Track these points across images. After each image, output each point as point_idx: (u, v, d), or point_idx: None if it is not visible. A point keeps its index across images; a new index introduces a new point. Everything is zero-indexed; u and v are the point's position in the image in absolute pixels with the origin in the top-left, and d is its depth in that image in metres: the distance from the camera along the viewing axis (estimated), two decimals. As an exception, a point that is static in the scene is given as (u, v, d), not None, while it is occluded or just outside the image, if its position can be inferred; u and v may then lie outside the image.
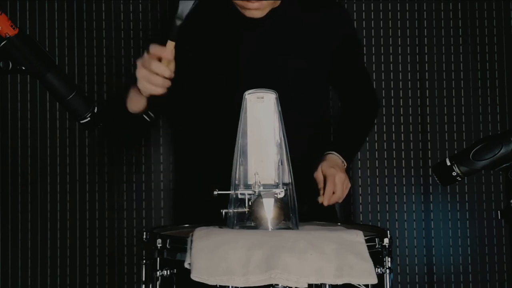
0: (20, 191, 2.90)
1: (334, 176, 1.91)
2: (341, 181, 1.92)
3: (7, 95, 2.91)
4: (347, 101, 2.21)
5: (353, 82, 2.19)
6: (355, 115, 2.17)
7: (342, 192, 1.93)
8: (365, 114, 2.20)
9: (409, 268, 2.97)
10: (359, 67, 2.23)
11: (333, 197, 1.93)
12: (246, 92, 1.68)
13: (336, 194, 1.92)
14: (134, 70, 1.76)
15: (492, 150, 1.67)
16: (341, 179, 1.92)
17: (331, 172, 1.92)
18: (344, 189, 1.94)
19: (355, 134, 2.17)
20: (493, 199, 3.00)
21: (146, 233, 1.70)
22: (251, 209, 1.65)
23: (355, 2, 3.00)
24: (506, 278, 2.98)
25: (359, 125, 2.18)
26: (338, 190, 1.92)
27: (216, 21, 2.10)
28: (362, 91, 2.20)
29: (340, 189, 1.92)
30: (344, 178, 1.93)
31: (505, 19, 3.04)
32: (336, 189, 1.91)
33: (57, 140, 2.92)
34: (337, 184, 1.91)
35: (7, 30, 1.50)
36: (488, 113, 3.02)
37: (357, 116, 2.17)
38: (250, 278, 1.45)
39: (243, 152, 1.68)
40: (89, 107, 1.60)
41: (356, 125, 2.17)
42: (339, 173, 1.92)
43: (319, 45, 2.11)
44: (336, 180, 1.91)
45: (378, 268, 1.57)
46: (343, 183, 1.93)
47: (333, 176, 1.91)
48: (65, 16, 2.93)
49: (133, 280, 2.91)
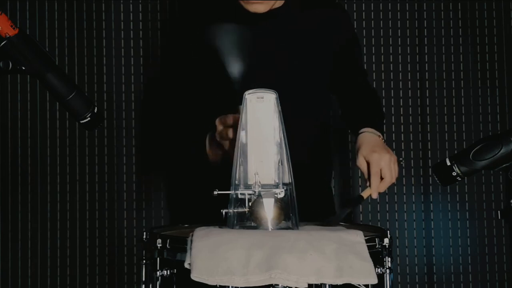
0: (20, 191, 2.90)
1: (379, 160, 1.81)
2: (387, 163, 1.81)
3: (7, 95, 2.91)
4: (347, 103, 2.19)
5: (353, 83, 2.19)
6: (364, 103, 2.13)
7: (391, 175, 1.82)
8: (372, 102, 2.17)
9: (409, 268, 2.97)
10: (359, 69, 2.23)
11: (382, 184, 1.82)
12: (246, 92, 1.68)
13: (386, 179, 1.82)
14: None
15: (492, 150, 1.67)
16: (387, 161, 1.81)
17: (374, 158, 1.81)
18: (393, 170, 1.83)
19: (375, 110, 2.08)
20: (493, 199, 2.99)
21: (146, 233, 1.71)
22: (251, 209, 1.65)
23: (355, 2, 3.00)
24: (506, 278, 2.98)
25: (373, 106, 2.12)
26: (386, 174, 1.81)
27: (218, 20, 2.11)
28: (362, 92, 2.20)
29: (388, 173, 1.81)
30: (389, 158, 1.82)
31: (505, 19, 3.04)
32: (384, 173, 1.81)
33: (57, 140, 2.92)
34: (384, 168, 1.81)
35: (7, 30, 1.50)
36: (488, 113, 3.02)
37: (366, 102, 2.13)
38: (250, 278, 1.45)
39: (243, 152, 1.68)
40: (89, 107, 1.60)
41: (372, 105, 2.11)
42: (383, 154, 1.82)
43: (319, 45, 2.11)
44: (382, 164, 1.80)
45: (378, 268, 1.57)
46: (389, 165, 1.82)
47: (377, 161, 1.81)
48: (65, 16, 2.93)
49: (133, 280, 2.91)
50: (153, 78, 2.94)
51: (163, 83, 2.90)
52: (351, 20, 2.40)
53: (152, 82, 2.94)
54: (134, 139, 2.94)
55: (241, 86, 1.78)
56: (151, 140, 2.94)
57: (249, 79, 1.99)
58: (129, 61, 2.94)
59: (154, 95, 2.93)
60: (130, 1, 2.95)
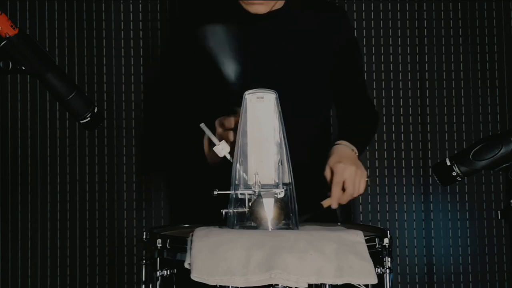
0: (20, 191, 2.90)
1: (343, 171, 1.81)
2: (351, 175, 1.81)
3: (7, 95, 2.91)
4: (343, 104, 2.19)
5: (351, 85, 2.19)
6: (355, 114, 2.16)
7: (353, 188, 1.82)
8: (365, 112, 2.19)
9: (409, 268, 2.97)
10: (357, 71, 2.23)
11: (344, 196, 1.83)
12: (246, 92, 1.68)
13: (347, 191, 1.82)
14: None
15: (492, 150, 1.66)
16: (351, 173, 1.80)
17: (339, 168, 1.81)
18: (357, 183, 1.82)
19: (360, 124, 2.08)
20: (493, 199, 2.99)
21: (146, 233, 1.70)
22: (251, 209, 1.65)
23: (355, 2, 3.00)
24: (506, 278, 2.98)
25: (362, 119, 2.13)
26: (348, 186, 1.81)
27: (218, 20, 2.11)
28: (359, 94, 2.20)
29: (351, 186, 1.81)
30: (354, 170, 1.81)
31: (505, 19, 3.04)
32: (347, 185, 1.81)
33: (57, 140, 2.92)
34: (347, 179, 1.80)
35: (7, 30, 1.50)
36: (488, 113, 3.02)
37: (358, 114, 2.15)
38: (250, 278, 1.45)
39: (243, 152, 1.68)
40: (89, 107, 1.60)
41: (360, 119, 2.12)
42: (348, 166, 1.81)
43: (319, 46, 2.11)
44: (346, 175, 1.80)
45: (378, 268, 1.57)
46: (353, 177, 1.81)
47: (341, 171, 1.81)
48: (65, 16, 2.93)
49: (133, 280, 2.91)
50: (153, 78, 2.94)
51: (163, 83, 2.90)
52: (351, 22, 2.41)
53: (152, 82, 2.94)
54: (134, 139, 2.94)
55: (241, 86, 1.77)
56: (151, 140, 2.94)
57: (249, 79, 1.98)
58: (129, 61, 2.94)
59: (155, 95, 2.93)
60: (130, 1, 2.95)
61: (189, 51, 2.13)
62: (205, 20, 2.11)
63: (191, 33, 2.12)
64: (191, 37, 2.12)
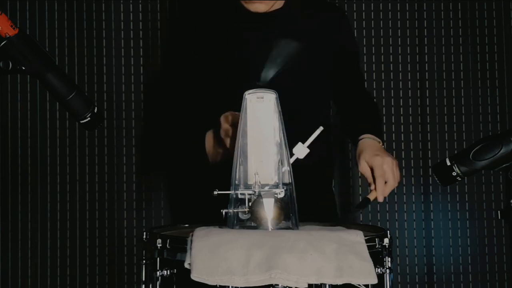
0: (20, 191, 2.90)
1: (382, 164, 1.83)
2: (390, 166, 1.83)
3: (7, 95, 2.91)
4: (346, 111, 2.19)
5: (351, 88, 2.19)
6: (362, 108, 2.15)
7: (394, 178, 1.84)
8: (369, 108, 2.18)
9: (409, 268, 2.97)
10: (357, 71, 2.23)
11: (387, 188, 1.84)
12: (246, 92, 1.68)
13: (389, 183, 1.84)
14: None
15: (492, 150, 1.67)
16: (389, 165, 1.83)
17: (378, 162, 1.83)
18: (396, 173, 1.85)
19: (372, 117, 2.09)
20: (493, 199, 2.99)
21: (146, 233, 1.70)
22: (251, 209, 1.65)
23: (355, 2, 3.01)
24: (506, 278, 2.98)
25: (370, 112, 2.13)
26: (389, 178, 1.83)
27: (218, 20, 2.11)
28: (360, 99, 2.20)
29: (391, 177, 1.83)
30: (391, 162, 1.84)
31: (505, 19, 3.04)
32: (387, 177, 1.83)
33: (57, 140, 2.92)
34: (387, 171, 1.82)
35: (7, 30, 1.50)
36: (488, 113, 3.02)
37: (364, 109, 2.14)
38: (250, 278, 1.45)
39: (243, 152, 1.68)
40: (89, 107, 1.60)
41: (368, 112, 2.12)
42: (385, 158, 1.83)
43: (319, 46, 2.11)
44: (385, 168, 1.82)
45: (378, 268, 1.57)
46: (392, 168, 1.84)
47: (380, 165, 1.83)
48: (65, 16, 2.93)
49: (133, 280, 2.91)
50: (153, 78, 2.94)
51: (164, 83, 2.90)
52: (351, 22, 2.41)
53: (152, 82, 2.94)
54: (134, 139, 2.94)
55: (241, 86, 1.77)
56: (152, 140, 2.94)
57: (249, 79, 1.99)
58: (129, 61, 2.94)
59: (155, 95, 2.93)
60: (130, 1, 2.95)
61: (190, 50, 2.13)
62: (205, 19, 2.11)
63: (191, 32, 2.13)
64: (191, 36, 2.12)
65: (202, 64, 2.11)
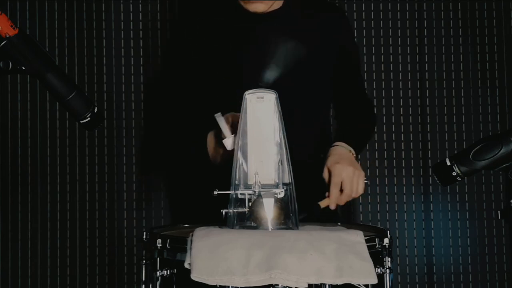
0: (20, 191, 2.90)
1: (341, 172, 1.82)
2: (349, 176, 1.82)
3: (7, 95, 2.91)
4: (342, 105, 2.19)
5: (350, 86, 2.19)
6: (353, 115, 2.16)
7: (351, 189, 1.83)
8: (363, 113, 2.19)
9: (409, 268, 2.97)
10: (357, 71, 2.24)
11: (342, 197, 1.84)
12: (246, 92, 1.69)
13: (345, 192, 1.83)
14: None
15: (492, 150, 1.67)
16: (349, 174, 1.82)
17: (337, 170, 1.83)
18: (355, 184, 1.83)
19: (358, 125, 2.09)
20: (493, 199, 2.99)
21: (146, 233, 1.71)
22: (251, 209, 1.65)
23: (355, 2, 3.00)
24: (506, 278, 2.98)
25: (360, 120, 2.14)
26: (346, 187, 1.83)
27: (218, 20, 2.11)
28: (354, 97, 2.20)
29: (348, 186, 1.83)
30: (352, 171, 1.83)
31: (505, 19, 3.04)
32: (344, 186, 1.83)
33: (57, 140, 2.92)
34: (345, 180, 1.82)
35: (7, 30, 1.50)
36: (488, 113, 3.02)
37: (356, 115, 2.16)
38: (250, 278, 1.45)
39: (243, 152, 1.68)
40: (89, 107, 1.60)
41: (358, 120, 2.13)
42: (345, 167, 1.83)
43: (319, 45, 2.11)
44: (344, 176, 1.82)
45: (378, 268, 1.57)
46: (351, 178, 1.82)
47: (338, 172, 1.82)
48: (65, 16, 2.93)
49: (133, 280, 2.91)
50: (153, 78, 2.94)
51: (164, 83, 2.90)
52: (351, 22, 2.41)
53: (152, 82, 2.94)
54: (134, 139, 2.94)
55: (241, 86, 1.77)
56: (151, 140, 2.94)
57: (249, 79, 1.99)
58: (129, 61, 2.94)
59: (155, 95, 2.93)
60: (130, 1, 2.95)
61: (190, 50, 2.13)
62: (205, 19, 2.11)
63: (191, 32, 2.13)
64: (191, 36, 2.12)
65: (202, 64, 2.11)
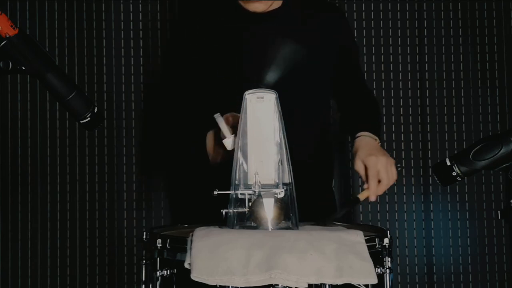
0: (20, 191, 2.90)
1: (376, 163, 1.83)
2: (384, 166, 1.83)
3: (7, 95, 2.91)
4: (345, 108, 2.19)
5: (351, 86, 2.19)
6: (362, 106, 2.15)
7: (388, 178, 1.85)
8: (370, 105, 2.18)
9: (409, 268, 2.97)
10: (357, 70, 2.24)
11: (380, 187, 1.85)
12: (246, 92, 1.69)
13: (383, 182, 1.84)
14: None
15: (492, 150, 1.67)
16: (384, 164, 1.84)
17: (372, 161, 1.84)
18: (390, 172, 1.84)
19: (371, 115, 2.10)
20: (493, 199, 2.99)
21: (146, 233, 1.71)
22: (251, 209, 1.65)
23: (355, 2, 3.00)
24: (506, 278, 2.98)
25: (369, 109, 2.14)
26: (383, 177, 1.84)
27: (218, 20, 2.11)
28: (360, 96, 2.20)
29: (385, 176, 1.84)
30: (386, 161, 1.84)
31: (505, 19, 3.04)
32: (381, 176, 1.84)
33: (57, 140, 2.92)
34: (381, 171, 1.83)
35: (7, 30, 1.50)
36: (488, 113, 3.02)
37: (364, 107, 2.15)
38: (250, 278, 1.45)
39: (243, 152, 1.68)
40: (89, 107, 1.60)
41: (367, 109, 2.13)
42: (379, 157, 1.84)
43: (319, 45, 2.11)
44: (379, 167, 1.83)
45: (378, 268, 1.57)
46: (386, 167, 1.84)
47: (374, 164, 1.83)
48: (65, 16, 2.93)
49: (133, 280, 2.91)
50: (153, 78, 2.94)
51: (164, 83, 2.90)
52: (351, 22, 2.41)
53: (152, 82, 2.94)
54: (134, 139, 2.94)
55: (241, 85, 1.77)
56: (151, 140, 2.94)
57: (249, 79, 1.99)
58: (129, 61, 2.94)
59: (155, 95, 2.93)
60: (130, 1, 2.95)
61: (189, 51, 2.13)
62: (204, 19, 2.11)
63: (191, 32, 2.13)
64: (191, 36, 2.12)
65: (201, 64, 2.11)
